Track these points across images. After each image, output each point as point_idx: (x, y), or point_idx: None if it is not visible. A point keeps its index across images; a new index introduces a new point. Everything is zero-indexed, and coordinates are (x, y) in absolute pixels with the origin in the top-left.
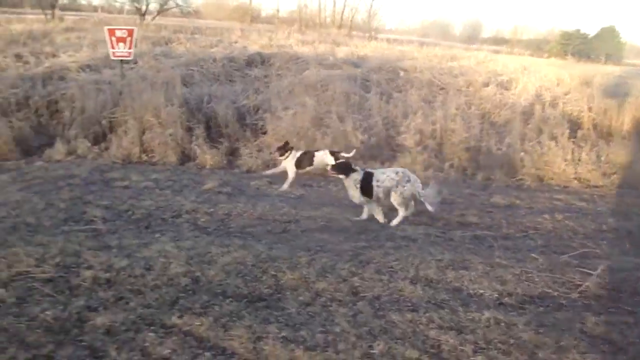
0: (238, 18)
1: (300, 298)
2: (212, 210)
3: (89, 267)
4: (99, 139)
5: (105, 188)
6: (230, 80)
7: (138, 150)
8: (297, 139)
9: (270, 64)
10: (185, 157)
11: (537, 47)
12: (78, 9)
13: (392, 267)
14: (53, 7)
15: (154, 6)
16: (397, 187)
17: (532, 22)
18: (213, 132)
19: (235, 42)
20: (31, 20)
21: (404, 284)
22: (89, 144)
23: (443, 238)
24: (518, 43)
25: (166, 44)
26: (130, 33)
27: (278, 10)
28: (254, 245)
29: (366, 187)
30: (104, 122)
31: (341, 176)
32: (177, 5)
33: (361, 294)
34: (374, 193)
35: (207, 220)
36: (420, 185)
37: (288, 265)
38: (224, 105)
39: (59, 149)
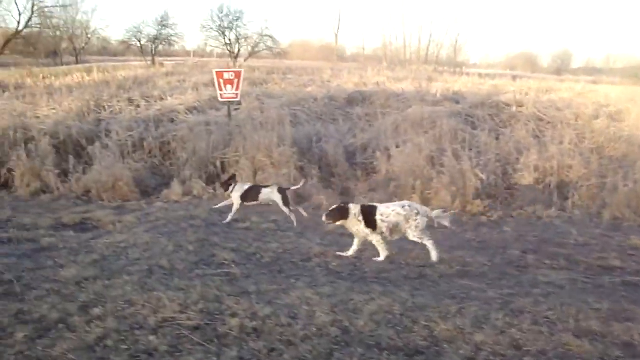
0: (324, 57)
1: (461, 352)
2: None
3: (234, 315)
4: (212, 179)
5: (227, 230)
6: (333, 120)
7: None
8: (412, 179)
9: (370, 102)
10: (299, 198)
11: (635, 75)
12: (172, 54)
13: (548, 318)
14: (153, 54)
15: (245, 49)
16: (407, 222)
17: (626, 50)
18: (323, 172)
19: (328, 81)
20: (135, 66)
21: (568, 338)
22: (204, 185)
23: (591, 284)
24: (610, 72)
25: (262, 84)
26: (238, 75)
27: (364, 49)
28: (395, 292)
29: (369, 219)
30: (217, 163)
31: (342, 222)
32: (268, 47)
33: (524, 348)
34: (378, 226)
35: (338, 264)
36: (430, 212)
37: (438, 314)
38: (332, 145)
39: (175, 190)
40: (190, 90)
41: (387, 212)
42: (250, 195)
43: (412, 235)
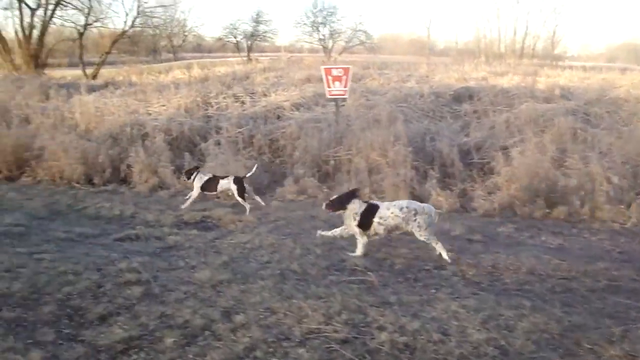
0: (414, 52)
1: None
2: (474, 261)
3: (381, 328)
4: (323, 177)
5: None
6: (440, 117)
7: (368, 190)
8: (536, 181)
9: (478, 98)
10: (415, 198)
11: None
12: (262, 50)
13: None
14: (249, 50)
15: (338, 44)
16: (407, 224)
17: None
18: (438, 172)
19: (426, 77)
20: (231, 62)
21: None
22: (318, 184)
23: None
24: None
25: (360, 80)
26: (346, 72)
27: (456, 43)
28: (545, 307)
29: (366, 220)
30: (332, 161)
31: (340, 212)
32: (361, 42)
33: None
34: (373, 228)
35: (474, 273)
36: (433, 209)
37: (600, 336)
38: (446, 144)
39: (289, 189)
40: (292, 87)
41: (386, 214)
42: (209, 185)
43: (419, 235)
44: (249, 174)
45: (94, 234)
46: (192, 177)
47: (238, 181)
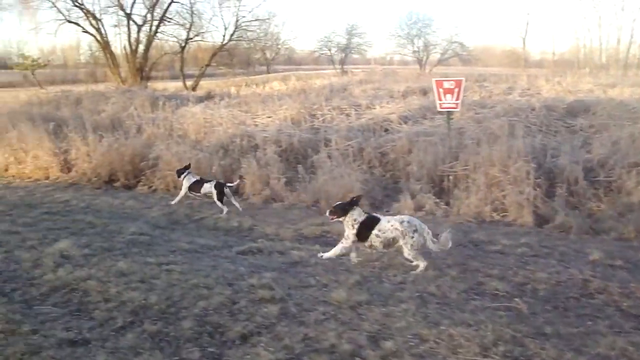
0: (508, 63)
1: None
2: (625, 290)
3: None
4: (438, 193)
5: (480, 253)
6: (555, 132)
7: (489, 208)
8: None
9: (593, 112)
10: (538, 217)
11: None
12: (353, 62)
13: None
14: (343, 63)
15: (433, 56)
16: (403, 238)
17: None
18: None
19: (528, 89)
20: (327, 75)
21: None
22: (437, 200)
23: None
24: None
25: None
26: (458, 84)
27: (553, 54)
28: None
29: (364, 231)
30: (450, 177)
31: (341, 219)
32: (456, 53)
33: None
34: (369, 241)
35: (630, 304)
36: (430, 233)
37: None
38: (567, 160)
39: (406, 204)
40: (396, 99)
41: (386, 227)
42: (195, 186)
43: (407, 252)
44: (229, 184)
45: (216, 245)
46: (183, 177)
47: (219, 186)
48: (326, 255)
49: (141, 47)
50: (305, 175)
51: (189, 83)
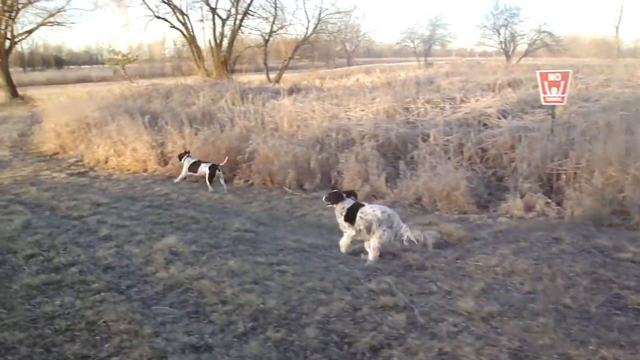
0: (598, 53)
1: None
2: None
3: None
4: (548, 193)
5: (609, 261)
6: None
7: (608, 210)
8: None
9: None
10: None
11: None
12: (434, 54)
13: None
14: (426, 54)
15: (520, 46)
16: (378, 227)
17: None
18: None
19: (628, 80)
20: (411, 67)
21: None
22: (548, 200)
23: None
24: None
25: None
26: (565, 77)
27: None
28: None
29: (351, 214)
30: (562, 175)
31: (333, 205)
32: (545, 44)
33: None
34: (357, 223)
35: None
36: (409, 230)
37: None
38: None
39: (515, 204)
40: (489, 92)
41: (368, 211)
42: (193, 167)
43: (374, 241)
44: (220, 164)
45: (324, 245)
46: (183, 159)
47: (212, 167)
48: (342, 250)
49: (225, 41)
50: (406, 171)
51: (272, 76)
